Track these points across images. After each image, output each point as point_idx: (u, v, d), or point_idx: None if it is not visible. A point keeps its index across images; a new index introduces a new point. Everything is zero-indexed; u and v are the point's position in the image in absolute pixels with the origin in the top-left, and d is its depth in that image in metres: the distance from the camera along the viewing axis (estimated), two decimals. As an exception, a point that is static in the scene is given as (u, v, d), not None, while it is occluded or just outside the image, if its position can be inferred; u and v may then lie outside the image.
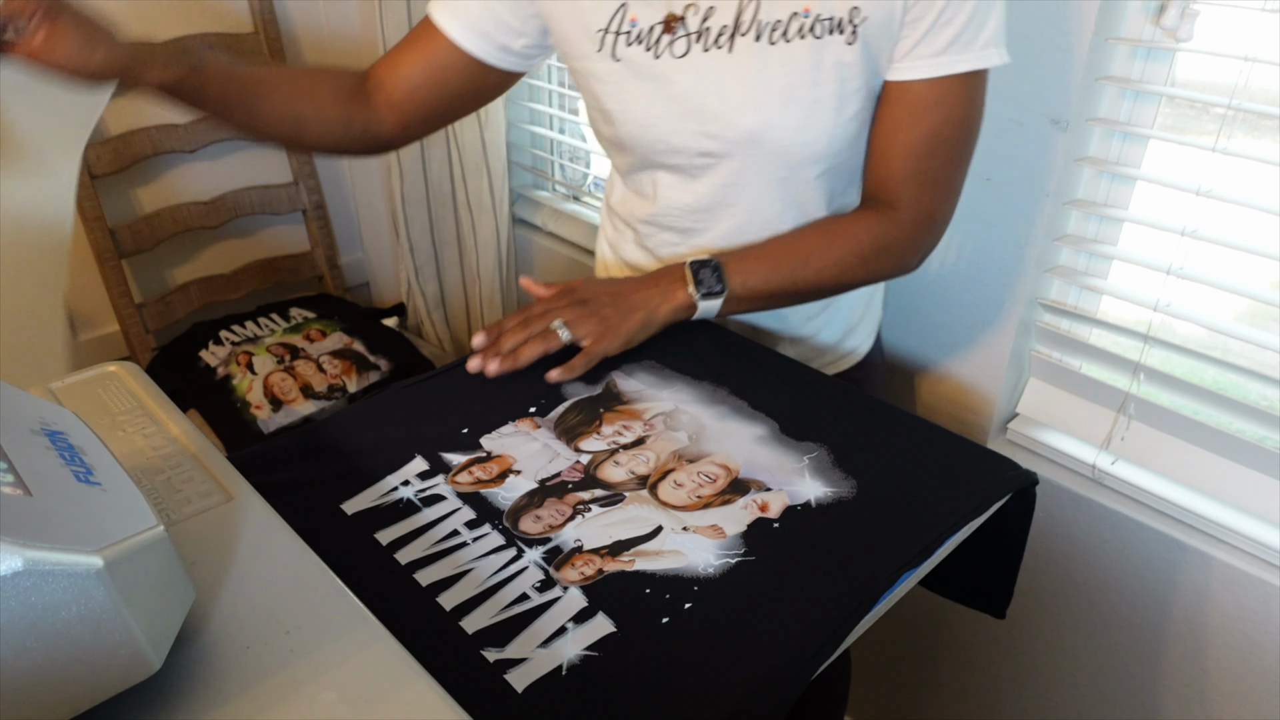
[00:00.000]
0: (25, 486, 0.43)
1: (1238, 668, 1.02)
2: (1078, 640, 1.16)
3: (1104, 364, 1.07)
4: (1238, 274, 0.95)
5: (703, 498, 0.67)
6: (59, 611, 0.40)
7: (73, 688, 0.42)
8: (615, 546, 0.63)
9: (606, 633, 0.56)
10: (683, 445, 0.73)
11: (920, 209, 0.85)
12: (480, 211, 1.74)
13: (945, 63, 0.78)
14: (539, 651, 0.55)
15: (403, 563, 0.61)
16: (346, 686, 0.49)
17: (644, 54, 0.82)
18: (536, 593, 0.59)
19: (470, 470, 0.70)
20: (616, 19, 0.81)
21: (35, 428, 0.50)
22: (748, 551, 0.62)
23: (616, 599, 0.58)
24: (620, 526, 0.64)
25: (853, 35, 0.77)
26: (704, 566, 0.61)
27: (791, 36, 0.78)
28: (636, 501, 0.67)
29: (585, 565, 0.61)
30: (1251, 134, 0.92)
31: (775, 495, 0.67)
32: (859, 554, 0.62)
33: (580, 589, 0.59)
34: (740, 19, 0.79)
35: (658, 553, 0.62)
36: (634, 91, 0.84)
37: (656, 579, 0.60)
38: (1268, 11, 0.86)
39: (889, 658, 1.40)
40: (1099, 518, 1.07)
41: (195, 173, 1.81)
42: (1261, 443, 0.96)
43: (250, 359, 1.67)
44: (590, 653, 0.54)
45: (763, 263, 0.86)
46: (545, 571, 0.60)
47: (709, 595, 0.58)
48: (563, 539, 0.63)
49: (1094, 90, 0.98)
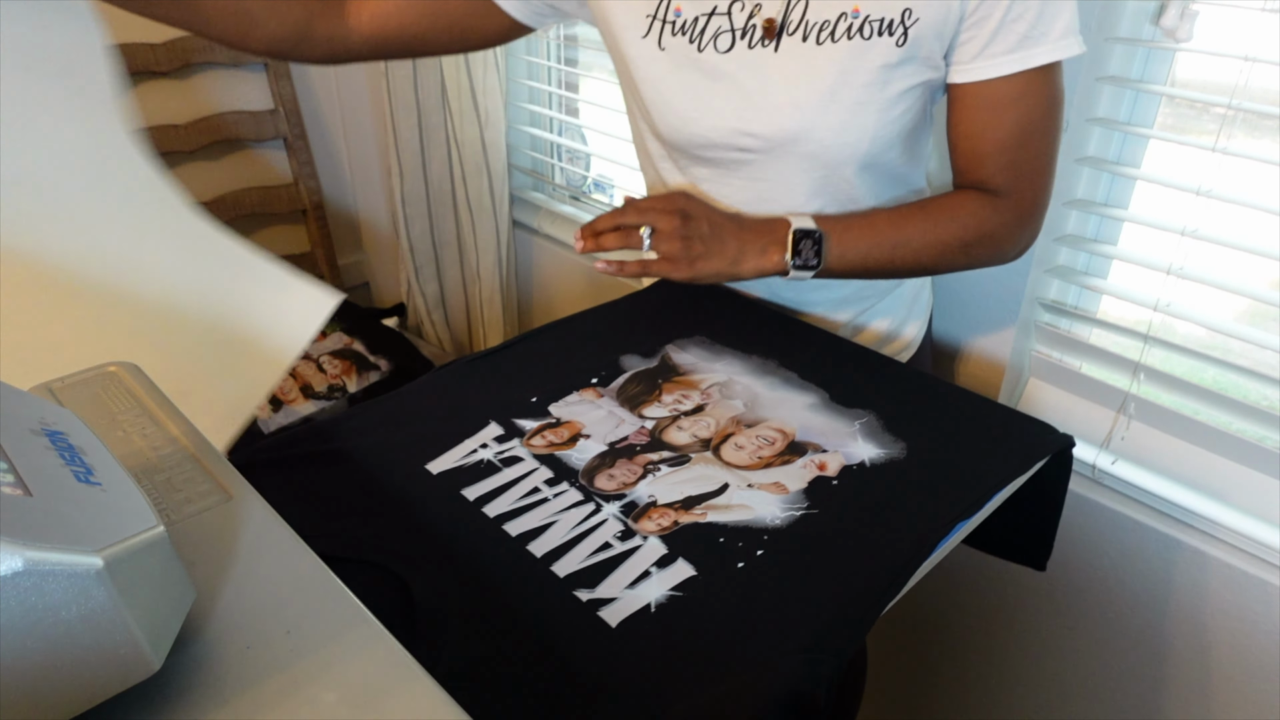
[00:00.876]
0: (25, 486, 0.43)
1: (1238, 667, 1.02)
2: (1078, 640, 1.16)
3: (1104, 364, 1.07)
4: (1238, 274, 0.95)
5: (763, 458, 0.71)
6: (59, 611, 0.40)
7: (73, 688, 0.42)
8: (687, 501, 0.66)
9: (687, 576, 0.60)
10: (740, 412, 0.76)
11: (1022, 198, 0.84)
12: (480, 212, 1.74)
13: (1023, 58, 0.76)
14: (627, 592, 0.58)
15: (491, 516, 0.64)
16: (346, 686, 0.49)
17: (687, 45, 0.81)
18: (618, 541, 0.63)
19: (543, 434, 0.73)
20: (662, 7, 0.80)
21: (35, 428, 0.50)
22: (810, 505, 0.66)
23: (693, 547, 0.62)
24: (690, 484, 0.68)
25: (903, 37, 0.76)
26: (771, 518, 0.65)
27: (839, 37, 0.77)
28: (701, 462, 0.71)
29: (661, 517, 0.65)
30: (1251, 134, 0.92)
31: (831, 456, 0.71)
32: (915, 507, 0.66)
33: (659, 538, 0.63)
34: (788, 17, 0.78)
35: (727, 506, 0.66)
36: (675, 83, 0.83)
37: (728, 529, 0.64)
38: (1268, 11, 0.86)
39: (890, 657, 1.40)
40: (1099, 518, 1.07)
41: (195, 172, 1.81)
42: (1261, 443, 0.96)
43: (250, 359, 1.67)
44: (675, 593, 0.58)
45: (864, 238, 0.83)
46: (624, 523, 0.64)
47: (778, 543, 0.62)
48: (637, 494, 0.67)
49: (1094, 90, 0.98)
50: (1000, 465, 0.70)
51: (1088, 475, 1.09)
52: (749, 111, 0.81)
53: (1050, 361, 1.11)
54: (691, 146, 0.87)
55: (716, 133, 0.84)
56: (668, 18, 0.80)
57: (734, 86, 0.81)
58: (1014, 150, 0.81)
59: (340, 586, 0.56)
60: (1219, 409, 0.99)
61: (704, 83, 0.82)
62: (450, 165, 1.74)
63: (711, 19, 0.79)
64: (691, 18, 0.80)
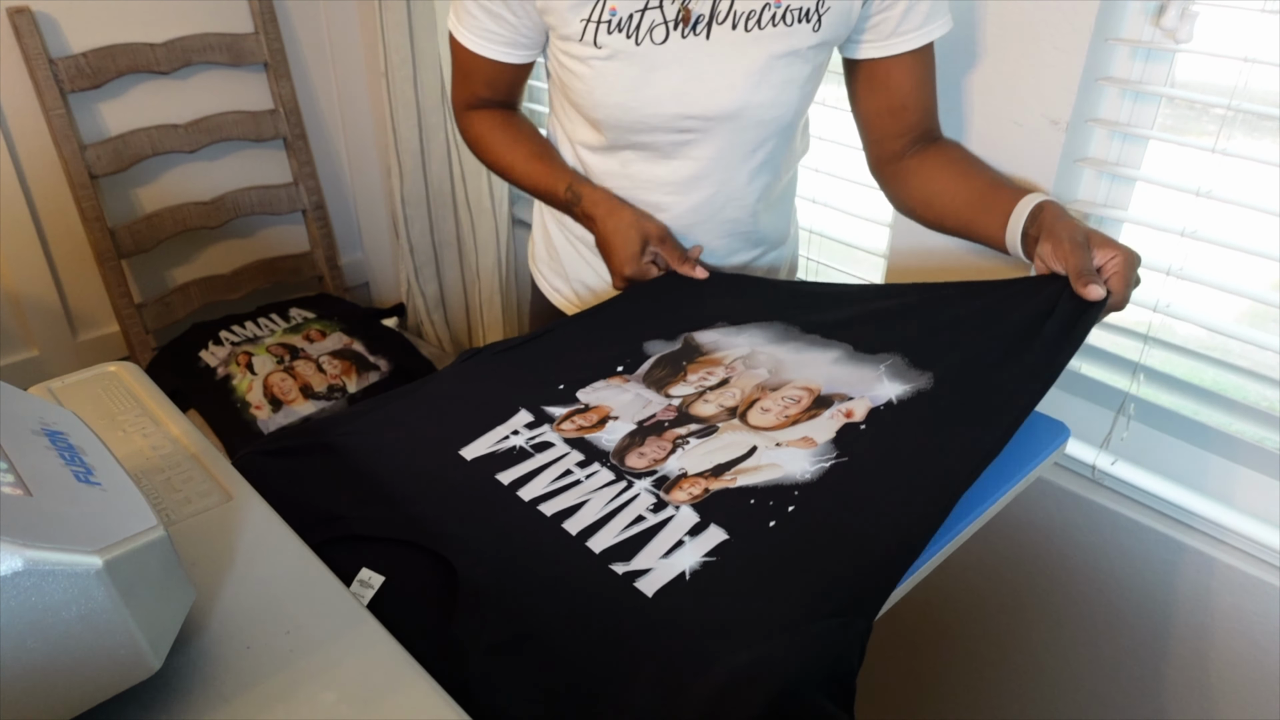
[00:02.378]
0: (25, 486, 0.43)
1: (1238, 668, 1.02)
2: (1078, 640, 1.16)
3: (1104, 364, 1.07)
4: (1238, 274, 0.95)
5: (790, 416, 0.72)
6: (59, 611, 0.40)
7: (73, 688, 0.42)
8: (717, 469, 0.68)
9: (720, 541, 0.61)
10: (764, 379, 0.78)
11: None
12: (480, 212, 1.74)
13: (938, 27, 0.92)
14: (661, 562, 0.60)
15: (526, 499, 0.66)
16: (346, 686, 0.49)
17: (624, 40, 0.87)
18: (651, 514, 0.64)
19: (572, 419, 0.74)
20: (596, 9, 0.87)
21: (35, 428, 0.50)
22: (839, 455, 0.67)
23: (725, 512, 0.63)
24: (718, 452, 0.69)
25: (818, 23, 0.88)
26: (800, 474, 0.66)
27: (765, 24, 0.87)
28: (729, 430, 0.72)
29: (692, 487, 0.66)
30: (1251, 134, 0.92)
31: (858, 402, 0.72)
32: (945, 442, 0.67)
33: (690, 507, 0.64)
34: (716, 8, 0.86)
35: (756, 468, 0.67)
36: (616, 76, 0.89)
37: (759, 490, 0.65)
38: (1267, 12, 0.86)
39: (890, 658, 1.40)
40: (1099, 518, 1.07)
41: (195, 173, 1.81)
42: (1261, 443, 0.96)
43: (250, 359, 1.67)
44: (708, 559, 0.59)
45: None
46: (656, 496, 0.65)
47: (809, 498, 0.63)
48: (667, 469, 0.68)
49: (1094, 91, 0.98)
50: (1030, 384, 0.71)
51: (1087, 476, 1.09)
52: (688, 95, 0.90)
53: (1050, 362, 1.11)
54: (632, 132, 0.94)
55: (658, 118, 0.91)
56: (603, 18, 0.87)
57: (672, 74, 0.89)
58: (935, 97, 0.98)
59: (340, 587, 0.56)
60: (1218, 409, 0.99)
61: (644, 73, 0.89)
62: (450, 165, 1.74)
63: (645, 14, 0.86)
64: (626, 15, 0.86)
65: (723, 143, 0.94)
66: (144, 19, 1.65)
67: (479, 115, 1.05)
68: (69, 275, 1.72)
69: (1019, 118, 1.00)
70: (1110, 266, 0.78)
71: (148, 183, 1.76)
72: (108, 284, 1.66)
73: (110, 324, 1.76)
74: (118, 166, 1.63)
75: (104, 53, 1.59)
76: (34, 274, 1.67)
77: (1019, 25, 0.97)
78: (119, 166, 1.64)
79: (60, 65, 1.54)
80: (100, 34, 1.61)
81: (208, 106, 1.76)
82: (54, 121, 1.56)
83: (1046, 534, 1.13)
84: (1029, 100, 0.99)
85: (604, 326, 0.89)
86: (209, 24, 1.72)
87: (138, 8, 1.63)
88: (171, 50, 1.67)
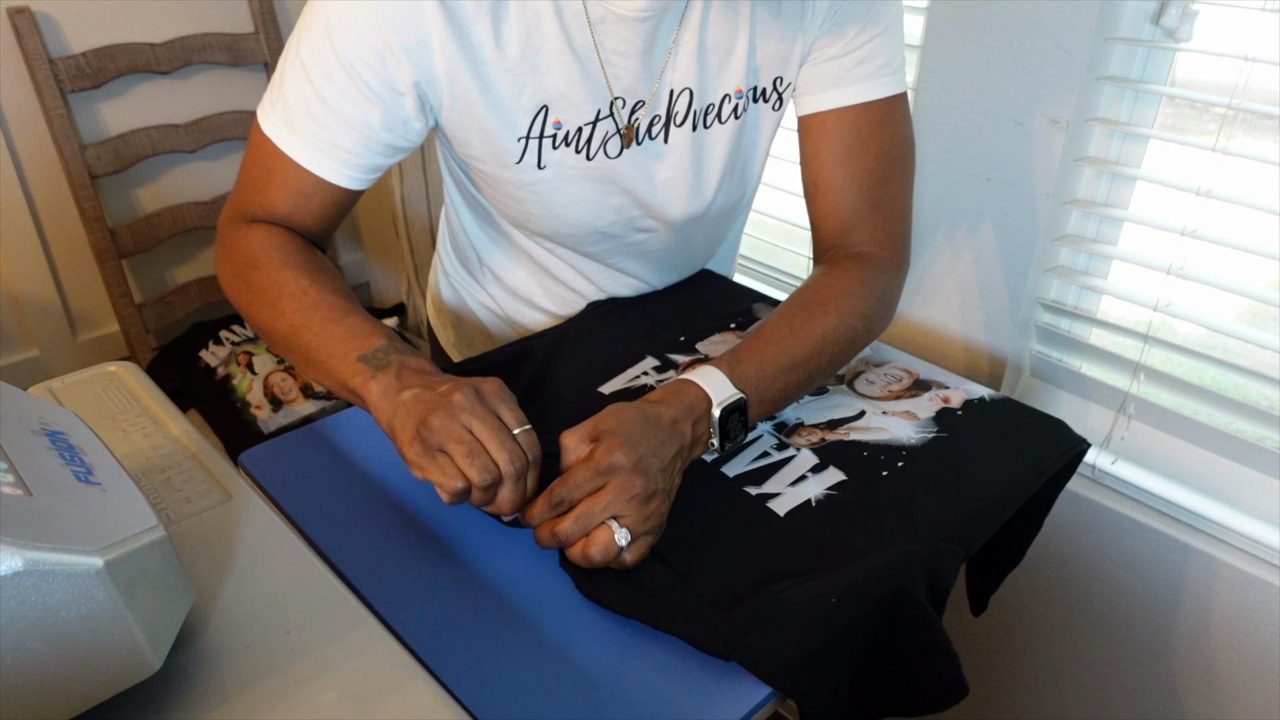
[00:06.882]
0: (25, 486, 0.43)
1: (1239, 667, 1.02)
2: (1079, 640, 1.16)
3: (1104, 364, 1.07)
4: (1238, 274, 0.95)
5: (893, 392, 0.80)
6: (59, 611, 0.40)
7: (73, 688, 0.42)
8: (830, 423, 0.76)
9: (840, 479, 0.69)
10: (867, 354, 0.86)
11: (893, 242, 0.81)
12: (480, 211, 1.74)
13: (886, 84, 0.77)
14: (789, 489, 0.68)
15: None
16: (346, 686, 0.49)
17: (575, 156, 0.75)
18: (775, 451, 0.72)
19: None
20: (536, 124, 0.73)
21: (35, 428, 0.50)
22: (940, 430, 0.75)
23: (842, 458, 0.71)
24: (830, 409, 0.78)
25: (779, 101, 0.80)
26: (907, 439, 0.74)
27: (726, 118, 0.78)
28: (838, 393, 0.80)
29: (809, 434, 0.74)
30: (1251, 134, 0.92)
31: (954, 391, 0.80)
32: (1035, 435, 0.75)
33: (810, 450, 0.72)
34: (674, 109, 0.76)
35: (866, 428, 0.75)
36: (565, 195, 0.78)
37: (871, 445, 0.73)
38: (1268, 11, 0.86)
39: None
40: (1099, 518, 1.07)
41: (195, 173, 1.81)
42: (1261, 443, 0.96)
43: (250, 359, 1.67)
44: (831, 492, 0.68)
45: (781, 375, 0.71)
46: (778, 438, 0.74)
47: (916, 459, 0.71)
48: (785, 417, 0.76)
49: (1094, 90, 0.98)
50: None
51: (1088, 475, 1.09)
52: (648, 205, 0.80)
53: (1050, 361, 1.11)
54: (584, 244, 0.84)
55: (615, 227, 0.82)
56: (545, 134, 0.73)
57: (630, 185, 0.78)
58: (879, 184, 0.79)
59: (340, 587, 0.56)
60: (1219, 409, 0.99)
61: (598, 189, 0.78)
62: (450, 165, 1.74)
63: (597, 125, 0.74)
64: (575, 128, 0.74)
65: (677, 239, 0.86)
66: (144, 19, 1.65)
67: (263, 231, 0.73)
68: (69, 275, 1.72)
69: (1019, 117, 1.00)
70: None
71: (148, 183, 1.76)
72: (108, 284, 1.66)
73: (110, 324, 1.76)
74: (118, 166, 1.63)
75: (104, 53, 1.59)
76: (34, 274, 1.67)
77: (1019, 25, 0.97)
78: (119, 166, 1.63)
79: (60, 65, 1.54)
80: (100, 34, 1.60)
81: (208, 106, 1.76)
82: (54, 121, 1.55)
83: (1047, 533, 1.12)
84: (1029, 99, 0.99)
85: (714, 289, 0.95)
86: (209, 24, 1.72)
87: (138, 8, 1.63)
88: (171, 50, 1.67)
